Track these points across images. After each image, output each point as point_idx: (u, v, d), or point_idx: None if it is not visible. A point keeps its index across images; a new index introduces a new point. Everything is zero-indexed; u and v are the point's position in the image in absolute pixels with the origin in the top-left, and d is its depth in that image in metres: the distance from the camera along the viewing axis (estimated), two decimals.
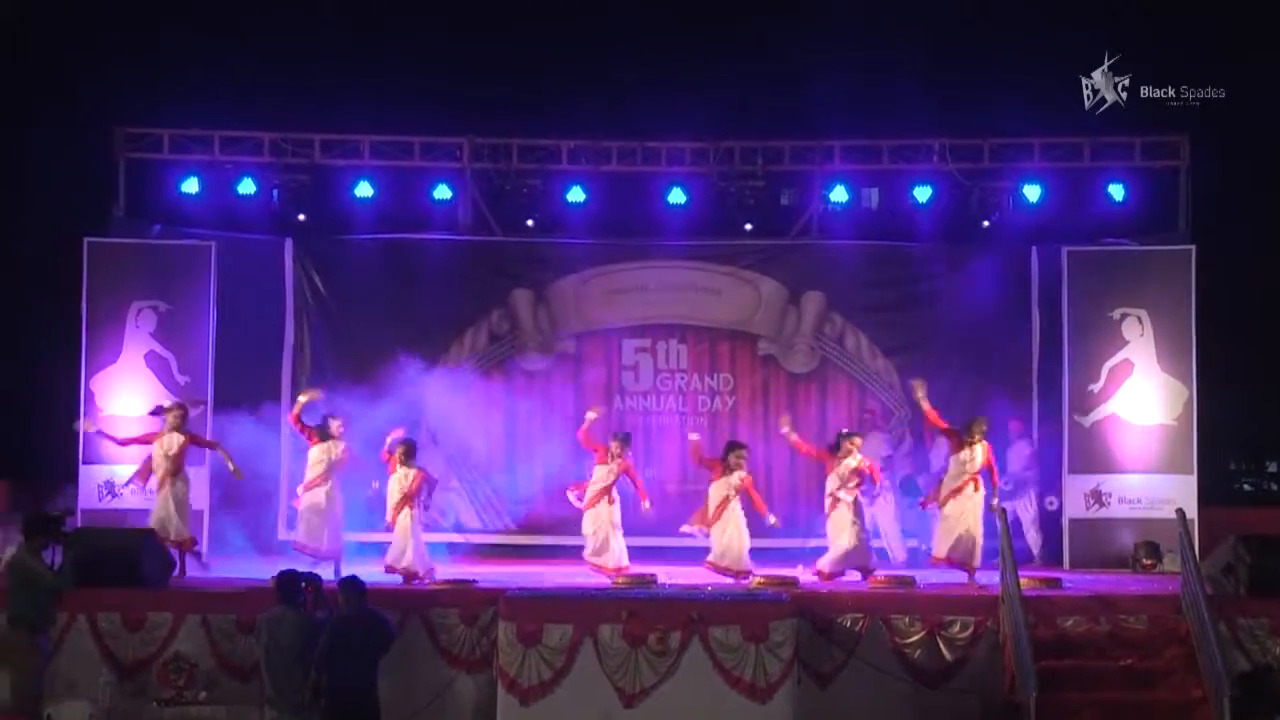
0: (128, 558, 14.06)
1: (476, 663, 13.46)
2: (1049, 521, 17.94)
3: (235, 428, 17.75)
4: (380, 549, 15.89)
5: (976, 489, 15.19)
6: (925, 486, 17.35)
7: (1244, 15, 18.33)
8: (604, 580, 15.22)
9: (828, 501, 15.57)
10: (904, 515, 17.57)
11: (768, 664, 12.69)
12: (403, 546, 15.14)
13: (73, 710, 13.19)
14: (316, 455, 15.81)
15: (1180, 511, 14.83)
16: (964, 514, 15.08)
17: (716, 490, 15.61)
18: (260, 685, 12.41)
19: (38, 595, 12.16)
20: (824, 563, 15.41)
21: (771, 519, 15.65)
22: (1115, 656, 13.26)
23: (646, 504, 15.95)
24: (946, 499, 15.25)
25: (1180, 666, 13.06)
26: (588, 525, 15.78)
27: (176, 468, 15.58)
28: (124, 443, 16.01)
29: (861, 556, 15.32)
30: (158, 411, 15.89)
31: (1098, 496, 17.69)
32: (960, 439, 15.33)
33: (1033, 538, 17.84)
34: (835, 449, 15.66)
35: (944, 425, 15.55)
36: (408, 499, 15.25)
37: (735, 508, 15.49)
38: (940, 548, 15.22)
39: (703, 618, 12.79)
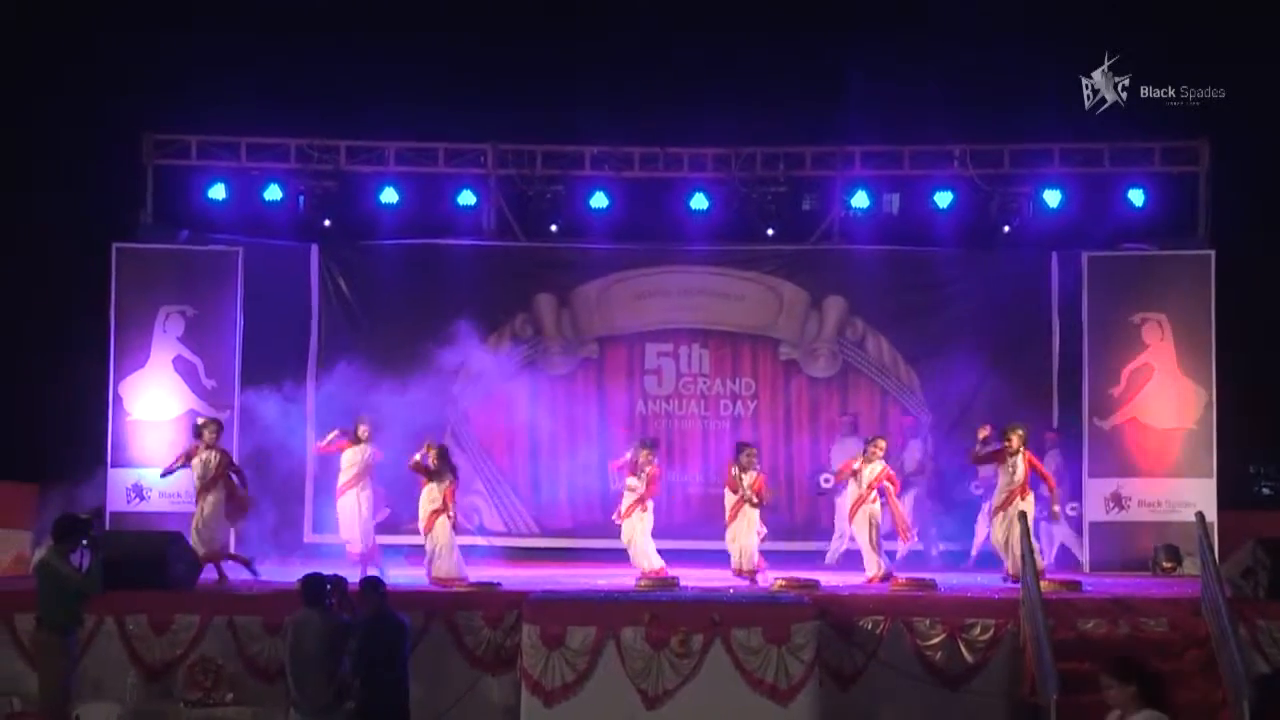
0: (155, 560, 14.16)
1: (501, 664, 13.49)
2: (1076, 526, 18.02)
3: (261, 431, 17.94)
4: (404, 550, 16.07)
5: (1024, 499, 15.25)
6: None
7: (1246, 16, 18.32)
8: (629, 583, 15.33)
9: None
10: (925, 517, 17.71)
11: (789, 666, 12.69)
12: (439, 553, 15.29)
13: (100, 711, 13.16)
14: (349, 459, 15.97)
15: (1200, 514, 14.71)
16: (1012, 525, 15.09)
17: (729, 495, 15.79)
18: (285, 687, 12.46)
19: (65, 597, 12.24)
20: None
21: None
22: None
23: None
24: (998, 510, 15.35)
25: (1200, 669, 13.04)
26: (625, 534, 15.95)
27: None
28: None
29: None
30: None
31: (1118, 499, 17.73)
32: (1002, 454, 15.40)
33: (1073, 541, 17.86)
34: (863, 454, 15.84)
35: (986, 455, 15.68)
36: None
37: (747, 510, 15.62)
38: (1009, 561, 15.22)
39: (724, 620, 12.82)
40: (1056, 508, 15.53)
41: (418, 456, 15.48)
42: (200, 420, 16.22)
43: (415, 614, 13.09)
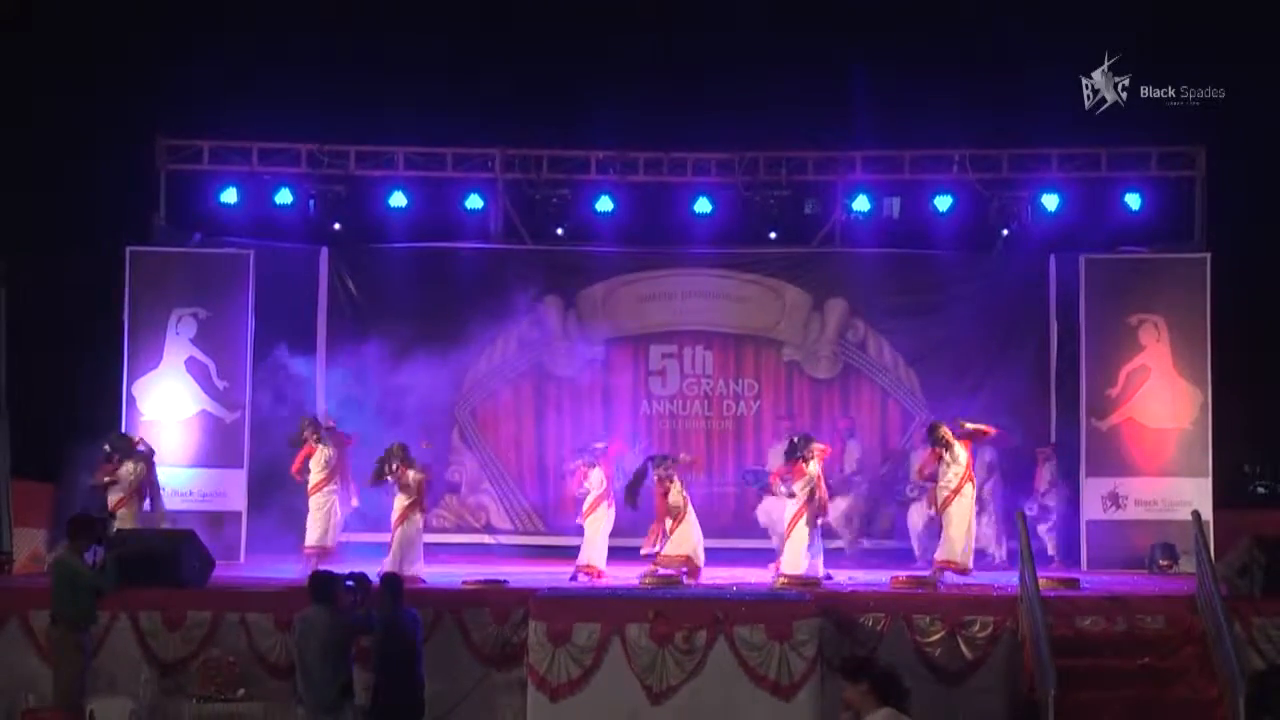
0: (168, 558, 14.29)
1: (507, 661, 13.60)
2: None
3: (271, 433, 18.12)
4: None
5: (975, 486, 15.34)
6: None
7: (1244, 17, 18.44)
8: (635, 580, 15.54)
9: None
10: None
11: (792, 662, 12.80)
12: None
13: (114, 706, 13.22)
14: (316, 462, 16.27)
15: (1196, 513, 14.95)
16: (962, 515, 15.15)
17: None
18: (294, 684, 12.56)
19: (80, 594, 12.38)
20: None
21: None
22: (1132, 656, 13.34)
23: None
24: (946, 504, 15.28)
25: (1196, 665, 13.16)
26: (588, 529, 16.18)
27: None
28: None
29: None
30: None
31: (1115, 499, 17.81)
32: (940, 440, 15.37)
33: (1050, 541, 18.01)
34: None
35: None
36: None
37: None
38: (943, 553, 15.18)
39: (728, 617, 12.92)
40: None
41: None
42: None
43: (424, 611, 13.20)
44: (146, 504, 16.44)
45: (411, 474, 15.63)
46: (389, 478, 15.58)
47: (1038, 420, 18.38)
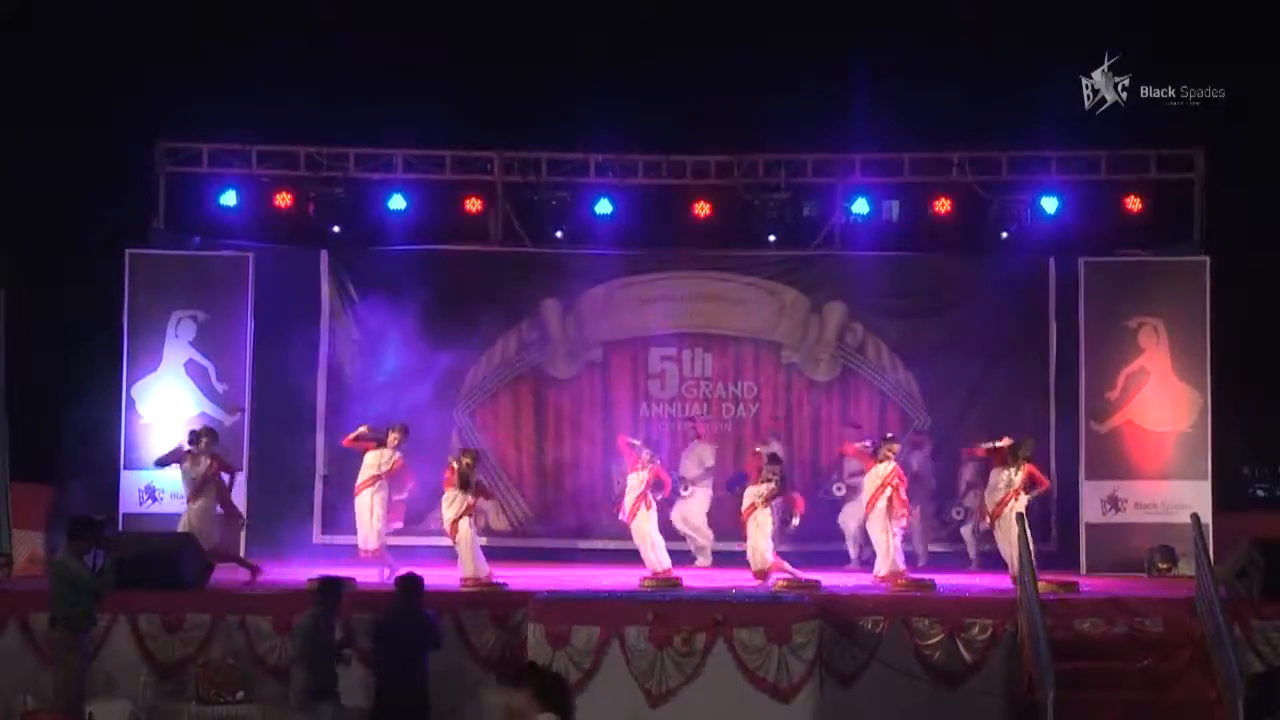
0: (167, 560, 14.32)
1: (507, 663, 13.55)
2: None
3: (272, 434, 18.14)
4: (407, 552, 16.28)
5: (1018, 501, 15.37)
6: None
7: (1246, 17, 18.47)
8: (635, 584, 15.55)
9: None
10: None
11: (790, 665, 12.82)
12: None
13: (113, 709, 13.20)
14: (370, 460, 16.15)
15: (1195, 516, 14.93)
16: (1011, 527, 15.22)
17: (748, 495, 16.01)
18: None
19: (79, 596, 12.37)
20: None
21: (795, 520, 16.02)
22: (1131, 658, 13.36)
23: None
24: (996, 514, 15.51)
25: (1195, 668, 13.17)
26: (635, 533, 16.20)
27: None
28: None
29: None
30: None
31: (1114, 502, 17.86)
32: (1006, 459, 15.56)
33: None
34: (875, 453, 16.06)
35: (985, 451, 15.85)
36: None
37: (758, 514, 15.82)
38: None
39: (727, 620, 12.93)
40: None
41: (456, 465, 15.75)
42: (197, 429, 16.37)
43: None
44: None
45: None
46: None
47: (1037, 423, 18.34)
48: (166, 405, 18.10)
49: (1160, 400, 18.00)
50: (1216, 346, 17.92)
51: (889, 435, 16.53)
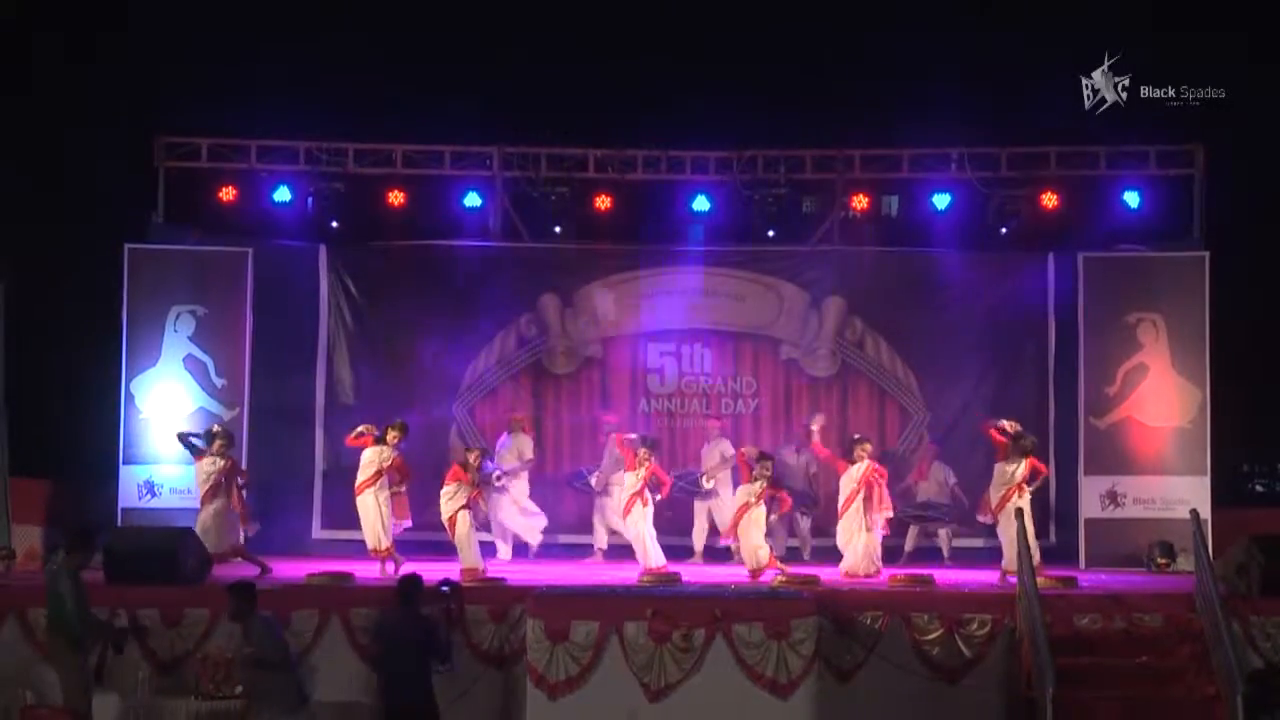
0: (166, 555, 14.27)
1: (506, 658, 13.57)
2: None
3: (270, 430, 18.14)
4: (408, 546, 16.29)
5: (1021, 497, 15.44)
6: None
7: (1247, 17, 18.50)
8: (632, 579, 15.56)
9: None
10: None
11: (789, 660, 12.80)
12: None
13: (111, 704, 13.07)
14: (368, 458, 16.15)
15: (1194, 512, 14.88)
16: (1012, 523, 15.21)
17: (740, 493, 16.04)
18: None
19: (64, 620, 12.27)
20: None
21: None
22: (1130, 654, 13.34)
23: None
24: (999, 509, 15.48)
25: (1194, 664, 13.14)
26: (630, 531, 16.24)
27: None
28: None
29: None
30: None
31: (1113, 497, 17.85)
32: (1008, 453, 15.56)
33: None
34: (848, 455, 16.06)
35: (997, 431, 15.79)
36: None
37: (752, 512, 15.84)
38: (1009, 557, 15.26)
39: (726, 615, 12.91)
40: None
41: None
42: (215, 428, 16.41)
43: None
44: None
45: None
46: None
47: (1036, 418, 18.35)
48: (165, 400, 18.09)
49: (1159, 396, 17.99)
50: (1215, 342, 17.90)
51: (857, 436, 16.46)
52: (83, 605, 12.29)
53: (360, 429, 16.33)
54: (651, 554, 16.03)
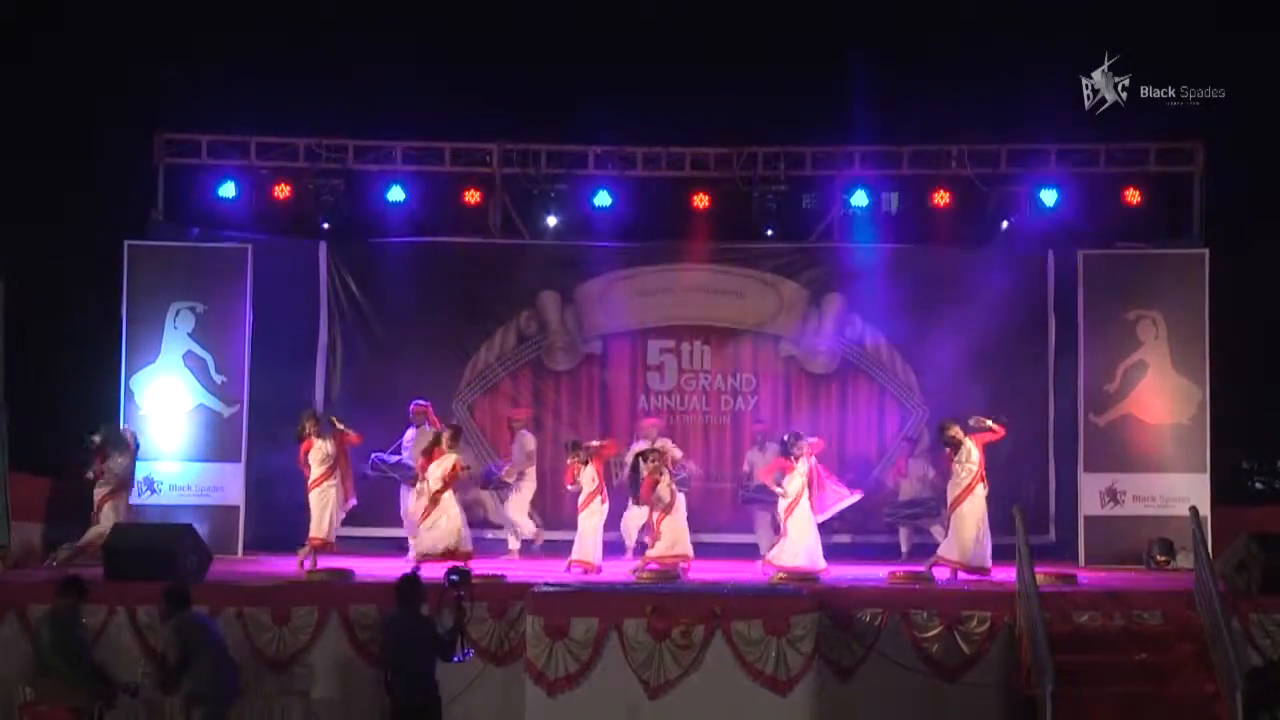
0: (166, 553, 14.30)
1: (505, 655, 13.63)
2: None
3: (270, 426, 18.13)
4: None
5: (986, 486, 15.46)
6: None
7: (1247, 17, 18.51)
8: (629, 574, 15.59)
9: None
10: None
11: (789, 657, 12.83)
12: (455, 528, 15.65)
13: None
14: (315, 456, 16.21)
15: (1193, 509, 14.90)
16: (973, 514, 15.31)
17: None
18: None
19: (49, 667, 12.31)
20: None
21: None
22: (1129, 651, 13.38)
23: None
24: (957, 503, 15.46)
25: (1194, 661, 13.18)
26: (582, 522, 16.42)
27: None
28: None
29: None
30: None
31: (1113, 494, 17.84)
32: (951, 441, 15.55)
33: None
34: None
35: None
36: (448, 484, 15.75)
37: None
38: (949, 550, 15.38)
39: (725, 612, 12.94)
40: None
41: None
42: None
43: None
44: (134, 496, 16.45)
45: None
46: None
47: (1035, 416, 18.37)
48: (165, 397, 18.08)
49: (1159, 393, 17.98)
50: (1215, 340, 17.89)
51: (795, 433, 16.35)
52: (74, 653, 12.29)
53: (304, 430, 16.38)
54: (590, 550, 16.20)
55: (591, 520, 16.33)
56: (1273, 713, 12.09)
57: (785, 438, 16.10)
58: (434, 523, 15.72)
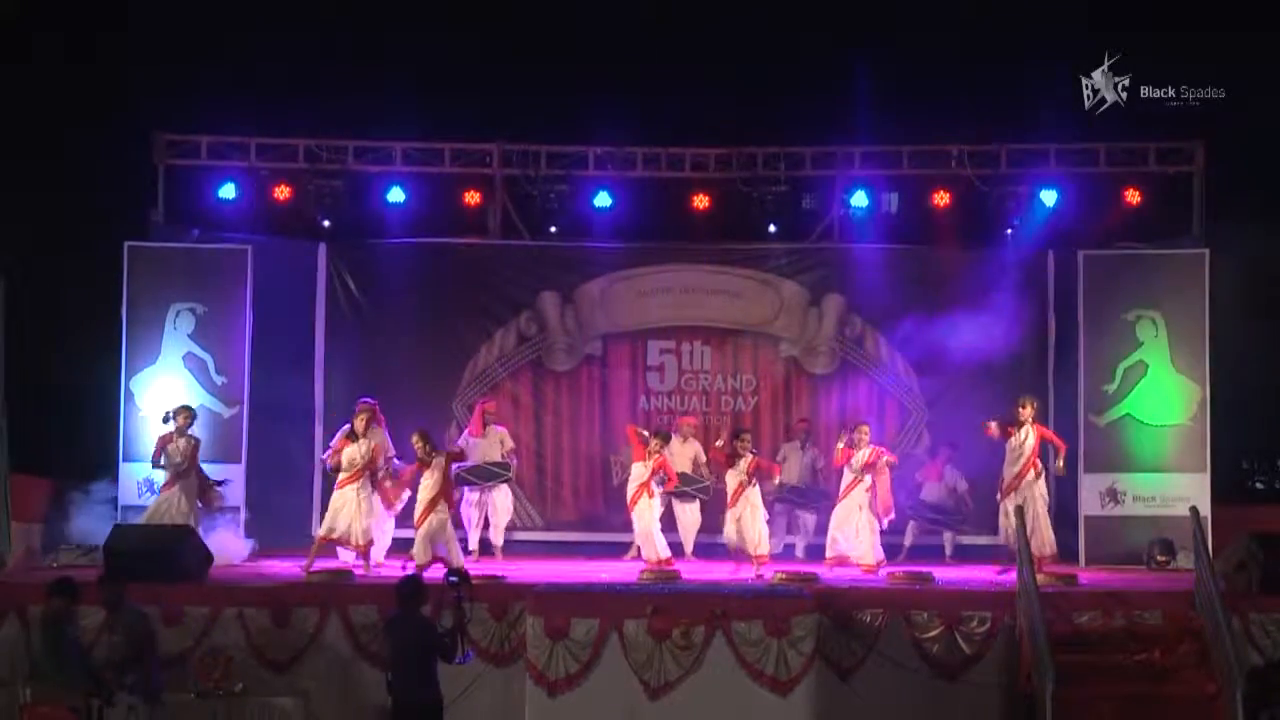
0: (166, 553, 14.33)
1: (505, 656, 13.60)
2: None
3: (270, 427, 18.14)
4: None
5: (1037, 475, 15.46)
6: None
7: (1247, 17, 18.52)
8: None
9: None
10: None
11: (789, 658, 12.84)
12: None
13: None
14: (348, 456, 16.13)
15: (1194, 509, 14.91)
16: (1028, 503, 15.34)
17: (729, 479, 16.08)
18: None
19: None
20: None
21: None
22: (1130, 651, 13.35)
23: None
24: (1008, 490, 15.51)
25: (1194, 661, 13.17)
26: (636, 523, 16.36)
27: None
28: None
29: None
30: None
31: (1113, 494, 17.87)
32: (1006, 426, 15.66)
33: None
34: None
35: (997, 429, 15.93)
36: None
37: (749, 494, 15.89)
38: (1041, 549, 15.40)
39: (725, 613, 12.94)
40: (1060, 462, 16.14)
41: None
42: (174, 408, 16.49)
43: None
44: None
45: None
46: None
47: (1035, 415, 18.32)
48: (165, 397, 17.95)
49: (1159, 393, 18.00)
50: (1215, 339, 17.92)
51: (743, 431, 16.65)
52: (65, 655, 12.24)
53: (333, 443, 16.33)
54: (658, 546, 16.13)
55: (642, 517, 16.31)
56: (1273, 713, 12.13)
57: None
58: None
